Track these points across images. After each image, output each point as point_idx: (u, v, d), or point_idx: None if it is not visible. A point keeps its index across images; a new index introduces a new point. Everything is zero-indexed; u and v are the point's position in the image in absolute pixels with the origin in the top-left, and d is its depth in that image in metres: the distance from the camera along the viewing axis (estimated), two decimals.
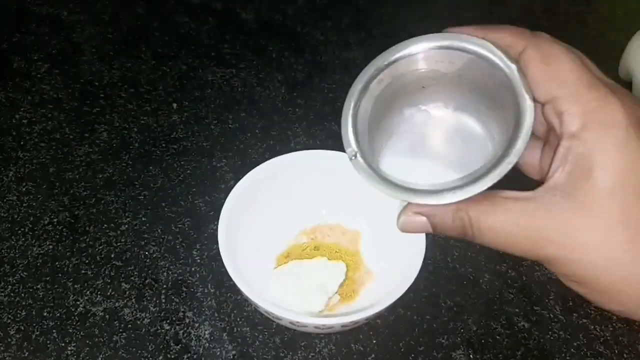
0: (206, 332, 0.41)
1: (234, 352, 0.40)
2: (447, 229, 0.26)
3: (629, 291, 0.22)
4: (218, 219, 0.39)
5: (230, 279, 0.36)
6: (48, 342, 0.40)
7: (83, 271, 0.44)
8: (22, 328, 0.40)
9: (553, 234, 0.23)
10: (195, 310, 0.42)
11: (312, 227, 0.45)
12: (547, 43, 0.26)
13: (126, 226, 0.46)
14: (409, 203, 0.28)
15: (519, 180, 0.27)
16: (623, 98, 0.24)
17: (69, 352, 0.39)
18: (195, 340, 0.41)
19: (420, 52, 0.29)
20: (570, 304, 0.43)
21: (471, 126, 0.31)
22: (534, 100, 0.26)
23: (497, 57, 0.27)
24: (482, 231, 0.25)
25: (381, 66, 0.29)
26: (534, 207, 0.23)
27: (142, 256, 0.45)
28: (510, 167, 0.25)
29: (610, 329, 0.42)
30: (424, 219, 0.27)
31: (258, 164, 0.42)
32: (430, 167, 0.31)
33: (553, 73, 0.25)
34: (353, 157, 0.30)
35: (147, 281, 0.43)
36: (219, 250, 0.38)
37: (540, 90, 0.25)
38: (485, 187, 0.24)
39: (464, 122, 0.31)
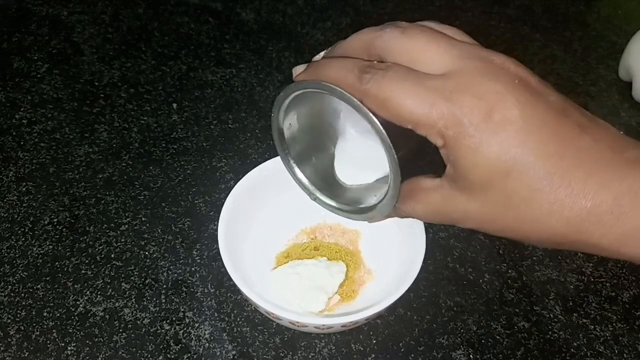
0: (206, 332, 0.41)
1: (234, 352, 0.40)
2: (397, 217, 0.34)
3: (528, 236, 0.29)
4: (218, 219, 0.39)
5: (230, 279, 0.36)
6: (48, 342, 0.40)
7: (83, 271, 0.44)
8: (22, 328, 0.40)
9: (458, 216, 0.30)
10: (195, 310, 0.42)
11: (312, 227, 0.45)
12: (373, 88, 0.28)
13: (126, 226, 0.46)
14: None
15: None
16: (461, 98, 0.27)
17: (69, 352, 0.39)
18: (195, 340, 0.41)
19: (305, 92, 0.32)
20: (570, 304, 0.43)
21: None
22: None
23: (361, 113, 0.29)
24: (417, 216, 0.32)
25: (280, 117, 0.35)
26: (440, 198, 0.30)
27: (142, 256, 0.45)
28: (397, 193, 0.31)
29: (610, 329, 0.42)
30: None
31: (258, 164, 0.43)
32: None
33: (393, 115, 0.28)
34: (314, 200, 0.37)
35: (147, 281, 0.43)
36: (219, 250, 0.38)
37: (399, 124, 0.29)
38: (389, 210, 0.33)
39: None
